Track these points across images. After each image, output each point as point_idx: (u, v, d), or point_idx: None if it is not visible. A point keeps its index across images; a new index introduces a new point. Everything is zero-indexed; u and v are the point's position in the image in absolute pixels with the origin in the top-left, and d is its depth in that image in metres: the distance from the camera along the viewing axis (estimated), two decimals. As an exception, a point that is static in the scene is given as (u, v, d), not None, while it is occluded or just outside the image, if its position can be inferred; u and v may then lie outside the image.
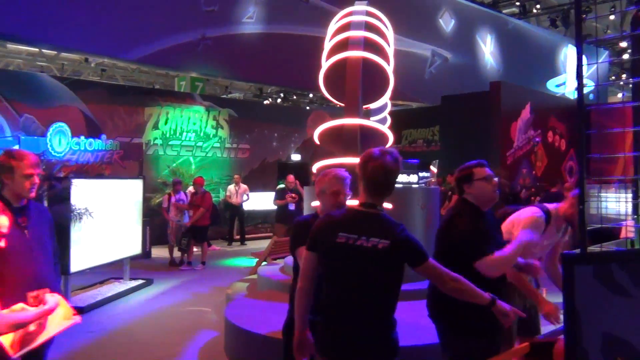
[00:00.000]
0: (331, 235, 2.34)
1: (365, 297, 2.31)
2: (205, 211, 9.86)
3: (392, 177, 2.38)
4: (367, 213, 2.36)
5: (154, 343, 5.65)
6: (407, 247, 2.32)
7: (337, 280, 2.37)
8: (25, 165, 2.77)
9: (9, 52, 14.81)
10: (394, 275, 2.34)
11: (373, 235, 2.28)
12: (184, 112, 13.86)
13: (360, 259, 2.29)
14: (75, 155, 11.02)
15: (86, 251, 7.07)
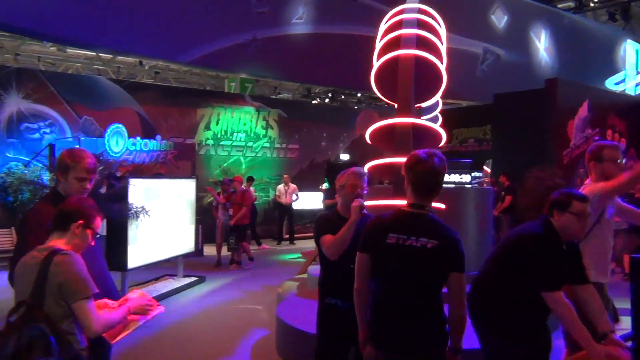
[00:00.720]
0: (382, 236, 2.44)
1: (414, 293, 2.41)
2: (246, 210, 9.84)
3: (440, 179, 2.47)
4: (415, 214, 2.46)
5: (207, 339, 5.75)
6: (452, 248, 2.40)
7: (389, 278, 2.46)
8: (80, 168, 2.81)
9: (69, 56, 15.40)
10: (441, 273, 2.41)
11: (422, 236, 2.38)
12: (235, 113, 14.09)
13: (410, 257, 2.38)
14: (132, 155, 11.37)
15: (142, 248, 7.29)
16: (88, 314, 2.26)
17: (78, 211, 2.42)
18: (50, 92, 11.15)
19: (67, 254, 2.31)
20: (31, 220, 2.76)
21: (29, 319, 2.17)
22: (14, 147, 10.71)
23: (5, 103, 10.62)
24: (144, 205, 7.10)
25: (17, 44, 13.45)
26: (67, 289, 2.24)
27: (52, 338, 2.16)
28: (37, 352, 2.11)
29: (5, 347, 2.12)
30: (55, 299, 2.24)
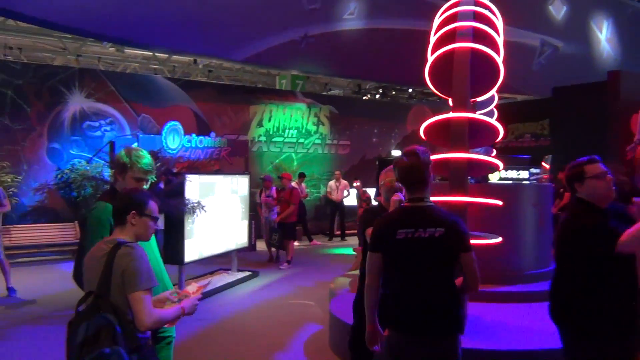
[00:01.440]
0: (392, 234, 2.58)
1: (430, 280, 2.59)
2: (294, 208, 9.74)
3: (419, 173, 2.61)
4: (417, 207, 2.63)
5: (261, 333, 5.83)
6: (457, 232, 2.58)
7: (404, 269, 2.62)
8: (138, 169, 2.92)
9: (126, 56, 15.91)
10: (451, 256, 2.60)
11: (428, 226, 2.55)
12: (287, 110, 14.21)
13: (421, 248, 2.55)
14: (187, 152, 11.66)
15: (198, 243, 7.46)
16: (142, 307, 2.30)
17: (128, 202, 2.49)
18: (110, 91, 11.58)
19: (131, 246, 2.39)
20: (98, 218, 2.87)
21: (97, 308, 2.26)
22: (77, 144, 11.18)
23: (69, 102, 11.09)
24: (199, 201, 7.27)
25: (79, 45, 13.99)
26: (128, 279, 2.31)
27: (118, 327, 2.23)
28: (104, 341, 2.18)
29: (75, 335, 2.22)
30: (119, 289, 2.32)
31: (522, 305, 5.35)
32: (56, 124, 10.98)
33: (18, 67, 10.81)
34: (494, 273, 5.82)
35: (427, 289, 2.58)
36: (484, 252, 4.94)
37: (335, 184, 13.06)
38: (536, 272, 6.02)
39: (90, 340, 2.19)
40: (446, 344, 2.60)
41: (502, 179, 6.79)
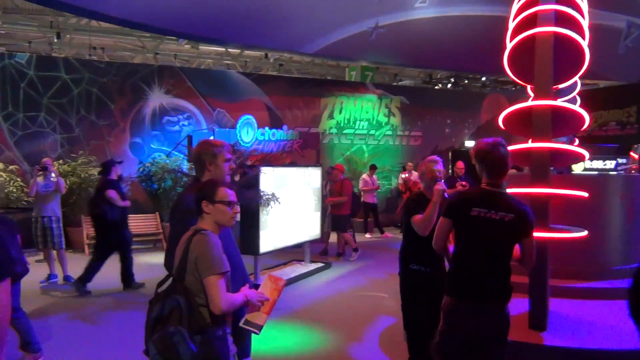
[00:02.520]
0: (466, 209, 2.99)
1: (492, 255, 2.97)
2: (346, 199, 9.51)
3: (508, 163, 3.04)
4: (493, 192, 3.01)
5: (336, 325, 5.86)
6: (525, 220, 2.95)
7: (471, 242, 3.01)
8: (225, 151, 3.11)
9: (201, 53, 16.42)
10: (513, 240, 3.00)
11: (500, 210, 2.93)
12: (357, 102, 14.17)
13: (490, 227, 2.94)
14: (261, 145, 11.88)
15: (272, 234, 7.60)
16: (216, 291, 2.40)
17: (199, 193, 2.61)
18: (187, 87, 11.99)
19: (205, 233, 2.50)
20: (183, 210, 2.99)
21: (172, 290, 2.43)
22: (157, 138, 11.68)
23: (149, 98, 11.60)
24: (274, 193, 7.40)
25: (156, 43, 14.57)
26: (201, 264, 2.42)
27: (186, 310, 2.36)
28: (172, 321, 2.33)
29: (151, 313, 2.42)
30: (193, 273, 2.44)
31: (607, 303, 5.09)
32: (138, 119, 11.52)
33: (102, 66, 11.42)
34: (578, 268, 5.58)
35: (488, 262, 2.97)
36: (568, 246, 4.74)
37: (407, 175, 12.90)
38: (623, 268, 5.69)
39: (162, 319, 2.36)
40: (501, 311, 2.99)
41: (586, 169, 6.46)
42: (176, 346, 2.28)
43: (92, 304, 6.66)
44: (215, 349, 2.38)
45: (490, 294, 2.98)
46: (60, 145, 10.85)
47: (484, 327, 2.99)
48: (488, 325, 2.99)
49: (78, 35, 13.83)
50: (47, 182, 7.45)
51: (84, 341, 5.30)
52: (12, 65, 10.50)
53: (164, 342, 2.30)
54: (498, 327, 3.02)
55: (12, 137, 10.48)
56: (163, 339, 2.30)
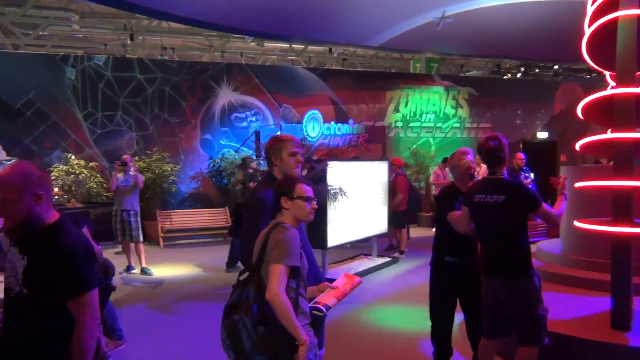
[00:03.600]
0: (472, 198, 3.54)
1: (495, 235, 3.49)
2: (401, 197, 9.28)
3: (499, 154, 3.50)
4: (491, 179, 3.52)
5: (405, 319, 5.81)
6: (518, 197, 3.40)
7: (479, 226, 3.58)
8: (290, 144, 3.12)
9: (266, 50, 16.68)
10: (514, 218, 3.42)
11: (494, 193, 3.42)
12: (424, 94, 13.94)
13: (488, 210, 3.45)
14: (327, 139, 11.94)
15: (340, 228, 7.62)
16: (277, 277, 2.39)
17: (278, 189, 2.66)
18: (254, 84, 12.22)
19: (285, 226, 2.54)
20: (257, 205, 3.04)
21: (249, 280, 2.50)
22: (226, 135, 11.98)
23: (218, 96, 11.91)
24: (341, 187, 7.41)
25: (223, 42, 14.92)
26: (275, 252, 2.45)
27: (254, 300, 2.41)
28: (241, 309, 2.41)
29: (230, 298, 2.52)
30: (267, 264, 2.48)
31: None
32: (208, 116, 11.86)
33: (174, 66, 11.82)
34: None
35: (494, 241, 3.48)
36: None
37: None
38: None
39: (234, 306, 2.45)
40: (517, 285, 3.36)
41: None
42: (240, 333, 2.37)
43: (168, 295, 6.93)
44: (277, 341, 2.39)
45: (503, 270, 3.41)
46: (135, 143, 11.35)
47: (505, 303, 3.40)
48: (508, 300, 3.39)
49: (150, 37, 14.39)
50: (126, 178, 7.81)
51: (161, 330, 5.52)
52: (91, 67, 11.07)
53: (231, 328, 2.40)
54: (515, 301, 3.36)
55: (92, 135, 11.05)
56: (230, 325, 2.40)
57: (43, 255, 2.07)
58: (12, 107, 10.51)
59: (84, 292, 2.07)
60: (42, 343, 2.12)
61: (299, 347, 2.36)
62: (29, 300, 2.09)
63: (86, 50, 15.14)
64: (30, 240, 2.13)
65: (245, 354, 2.37)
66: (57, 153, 10.73)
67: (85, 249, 2.14)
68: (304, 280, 2.55)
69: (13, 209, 2.08)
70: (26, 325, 2.12)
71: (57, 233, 2.11)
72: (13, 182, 2.08)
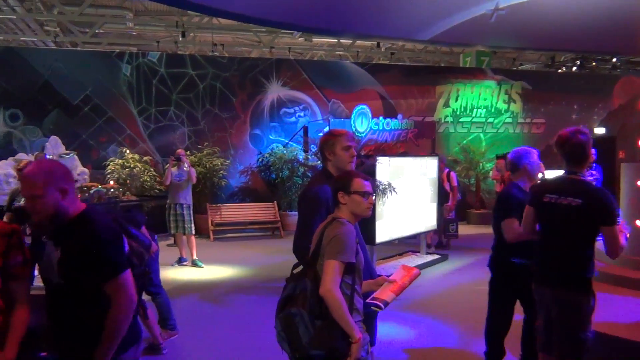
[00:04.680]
0: (541, 196, 3.18)
1: (560, 241, 3.08)
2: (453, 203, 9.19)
3: (587, 151, 3.11)
4: (568, 178, 3.11)
5: (457, 318, 5.70)
6: (597, 206, 2.95)
7: (543, 228, 3.21)
8: (344, 139, 3.11)
9: (313, 45, 16.71)
10: (585, 227, 3.01)
11: (569, 195, 3.01)
12: (475, 88, 13.65)
13: (557, 213, 3.07)
14: (375, 134, 11.85)
15: (388, 224, 7.55)
16: (331, 273, 2.39)
17: (336, 184, 2.64)
18: (303, 79, 12.27)
19: (342, 221, 2.53)
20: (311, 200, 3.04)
21: (304, 274, 2.49)
22: (275, 130, 12.08)
23: (268, 91, 12.02)
24: (390, 182, 7.34)
25: (272, 38, 15.02)
26: (330, 247, 2.44)
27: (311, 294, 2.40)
28: (298, 302, 2.39)
29: (284, 292, 2.50)
30: (322, 258, 2.47)
31: None
32: (257, 111, 11.99)
33: (225, 62, 12.01)
34: None
35: (558, 248, 3.09)
36: None
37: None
38: None
39: (290, 299, 2.43)
40: (568, 298, 3.04)
41: None
42: (297, 327, 2.35)
43: (218, 287, 7.05)
44: (333, 336, 2.38)
45: (559, 281, 3.08)
46: (187, 137, 11.59)
47: (555, 314, 3.10)
48: (558, 314, 3.08)
49: (200, 33, 14.63)
50: (180, 172, 7.99)
51: (211, 321, 5.63)
52: (145, 64, 11.37)
53: (287, 321, 2.38)
54: (565, 317, 3.06)
55: (146, 130, 11.37)
56: (287, 317, 2.39)
57: (74, 245, 2.14)
58: (71, 103, 10.94)
59: (116, 275, 2.16)
60: (83, 331, 2.19)
61: (352, 345, 2.36)
62: (66, 290, 2.18)
63: (139, 48, 15.54)
64: (62, 232, 2.21)
65: (302, 347, 2.36)
66: (113, 147, 11.09)
67: (113, 235, 2.22)
68: (359, 276, 2.53)
69: (40, 205, 2.16)
70: (66, 315, 2.21)
71: (85, 223, 2.19)
72: (38, 179, 2.15)
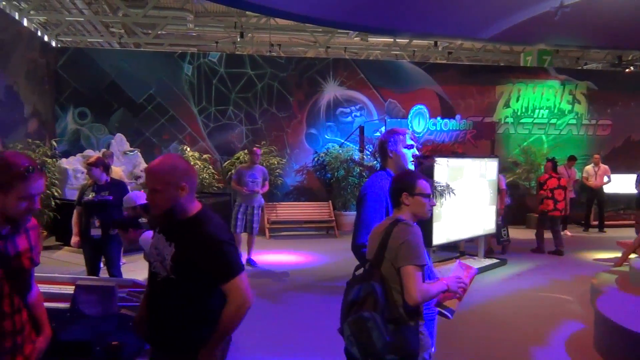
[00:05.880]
0: None
1: None
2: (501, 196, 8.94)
3: None
4: None
5: (515, 326, 5.57)
6: None
7: None
8: (408, 137, 3.12)
9: (369, 45, 16.63)
10: None
11: None
12: (537, 88, 13.24)
13: None
14: (432, 135, 11.68)
15: (446, 226, 7.44)
16: (412, 281, 2.38)
17: (399, 185, 2.61)
18: (360, 79, 12.26)
19: (408, 223, 2.51)
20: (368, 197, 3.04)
21: (369, 276, 2.46)
22: (330, 129, 12.13)
23: (324, 91, 12.08)
24: (448, 184, 7.23)
25: (328, 37, 15.05)
26: (402, 253, 2.41)
27: (382, 297, 2.38)
28: (368, 306, 2.36)
29: (348, 295, 2.48)
30: (391, 262, 2.45)
31: None
32: (313, 111, 12.08)
33: (282, 62, 12.15)
34: None
35: None
36: None
37: (594, 168, 11.75)
38: None
39: (358, 302, 2.40)
40: None
41: None
42: (370, 331, 2.31)
43: (274, 284, 7.15)
44: (407, 340, 2.38)
45: None
46: (245, 136, 11.81)
47: None
48: None
49: (258, 34, 14.84)
50: (253, 172, 7.98)
51: (268, 317, 5.70)
52: (206, 64, 11.67)
53: (358, 326, 2.35)
54: None
55: (205, 128, 11.66)
56: (358, 322, 2.35)
57: (191, 244, 2.18)
58: (135, 101, 11.35)
59: (235, 276, 2.19)
60: (187, 326, 2.24)
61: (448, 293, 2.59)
62: (175, 285, 2.22)
63: (199, 48, 15.94)
64: (177, 228, 2.26)
65: (377, 352, 2.33)
66: (174, 145, 11.44)
67: (229, 236, 2.26)
68: (423, 277, 2.51)
69: (159, 199, 2.22)
70: (172, 309, 2.25)
71: (202, 223, 2.23)
72: (160, 174, 2.22)
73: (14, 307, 2.12)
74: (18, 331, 2.14)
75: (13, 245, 2.10)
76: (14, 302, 2.11)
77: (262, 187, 8.06)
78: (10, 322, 2.11)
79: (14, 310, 2.12)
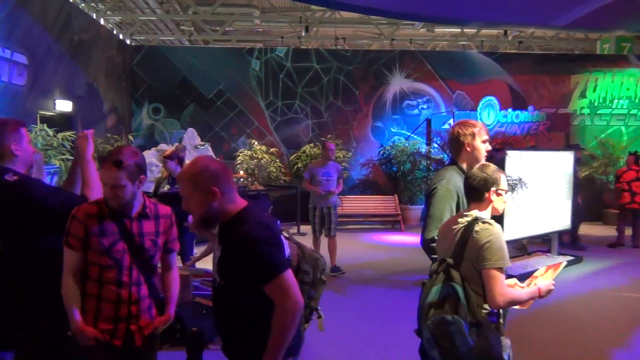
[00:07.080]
0: None
1: None
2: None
3: None
4: None
5: (591, 325, 5.34)
6: None
7: None
8: (483, 131, 2.99)
9: (435, 36, 16.25)
10: None
11: None
12: (616, 77, 12.55)
13: None
14: (503, 127, 11.35)
15: (517, 222, 7.20)
16: (495, 284, 2.29)
17: (487, 180, 2.47)
18: (427, 71, 12.06)
19: (490, 222, 2.40)
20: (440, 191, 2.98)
21: (448, 276, 2.35)
22: (396, 122, 12.02)
23: (390, 84, 11.98)
24: (520, 177, 7.00)
25: (392, 30, 14.85)
26: (483, 254, 2.32)
27: (463, 299, 2.28)
28: (448, 308, 2.27)
29: (426, 296, 2.37)
30: (471, 262, 2.36)
31: None
32: (379, 104, 12.01)
33: (348, 55, 12.16)
34: None
35: None
36: None
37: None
38: None
39: (437, 304, 2.31)
40: None
41: None
42: (453, 335, 2.23)
43: (342, 277, 7.17)
44: (491, 344, 2.28)
45: None
46: (311, 130, 11.92)
47: None
48: None
49: (322, 28, 14.87)
50: (327, 170, 7.29)
51: (337, 310, 5.72)
52: (273, 59, 11.85)
53: (440, 329, 2.26)
54: None
55: (272, 122, 11.86)
56: (440, 325, 2.26)
57: (230, 245, 2.09)
58: (205, 97, 11.70)
59: (275, 276, 2.01)
60: (241, 337, 2.15)
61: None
62: (225, 290, 2.14)
63: (265, 44, 16.15)
64: (221, 231, 2.17)
65: (459, 356, 2.25)
66: (242, 139, 11.72)
67: (268, 234, 2.07)
68: (504, 274, 2.43)
69: (192, 205, 2.12)
70: (225, 315, 2.18)
71: (238, 223, 2.09)
72: (186, 181, 2.13)
73: (132, 279, 2.41)
74: (134, 301, 2.42)
75: (139, 226, 2.45)
76: (132, 275, 2.41)
77: (337, 186, 7.30)
78: (127, 291, 2.40)
79: (132, 282, 2.41)
